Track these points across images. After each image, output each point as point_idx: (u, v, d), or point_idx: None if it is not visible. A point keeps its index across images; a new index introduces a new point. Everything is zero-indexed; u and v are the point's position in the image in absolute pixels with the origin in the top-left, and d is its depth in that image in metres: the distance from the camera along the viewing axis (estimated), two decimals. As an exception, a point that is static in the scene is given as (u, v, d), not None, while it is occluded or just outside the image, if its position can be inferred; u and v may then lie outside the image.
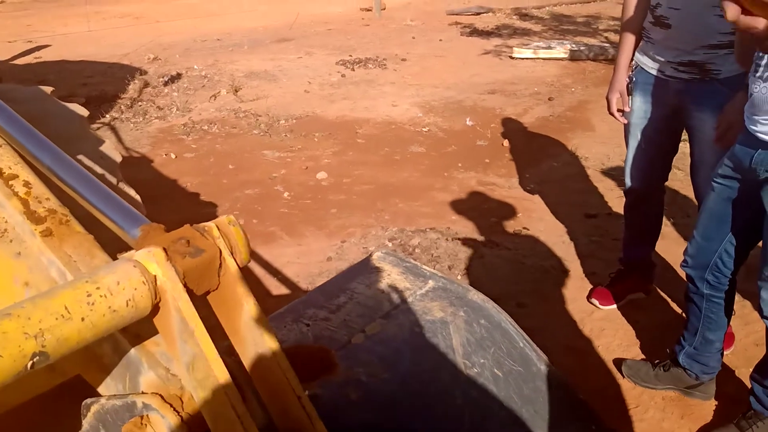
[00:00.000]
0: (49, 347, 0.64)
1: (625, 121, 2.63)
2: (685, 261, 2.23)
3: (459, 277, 3.08)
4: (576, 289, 3.03)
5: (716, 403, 2.35)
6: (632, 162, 2.68)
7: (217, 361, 0.76)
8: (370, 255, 1.43)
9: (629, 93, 2.58)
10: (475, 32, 9.35)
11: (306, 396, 0.83)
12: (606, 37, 8.76)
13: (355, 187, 4.22)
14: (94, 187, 0.88)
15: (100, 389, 0.87)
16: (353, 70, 7.27)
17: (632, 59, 2.59)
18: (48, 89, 2.09)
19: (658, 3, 2.39)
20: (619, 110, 2.61)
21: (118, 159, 1.95)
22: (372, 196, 4.07)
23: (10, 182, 0.93)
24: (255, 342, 0.83)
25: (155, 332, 0.81)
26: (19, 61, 7.58)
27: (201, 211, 3.80)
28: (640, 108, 2.56)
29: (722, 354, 2.32)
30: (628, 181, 2.75)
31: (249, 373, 0.85)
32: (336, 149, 4.90)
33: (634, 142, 2.63)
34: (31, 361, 0.63)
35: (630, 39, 2.57)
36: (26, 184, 0.94)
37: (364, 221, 3.73)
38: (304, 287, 3.02)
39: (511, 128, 5.32)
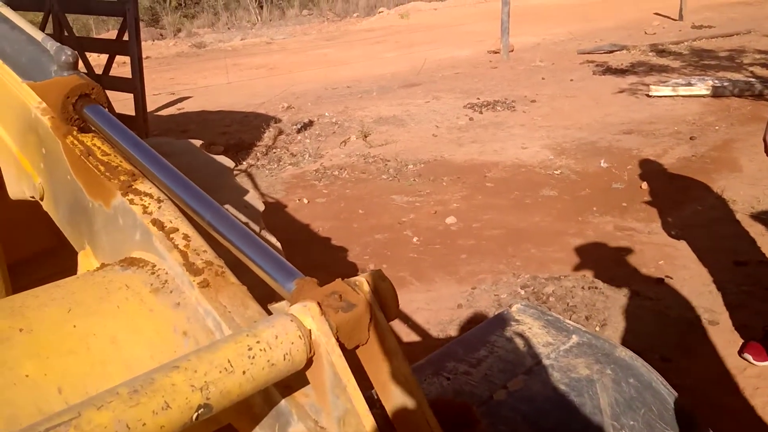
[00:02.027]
0: (213, 400, 0.66)
1: (784, 164, 2.45)
2: None
3: (597, 329, 2.94)
4: (726, 344, 2.82)
5: None
6: None
7: (368, 417, 0.76)
8: (510, 306, 1.40)
9: (788, 134, 2.41)
10: (609, 71, 9.09)
11: (454, 456, 0.81)
12: (752, 72, 8.24)
13: (484, 231, 4.18)
14: (251, 242, 0.91)
15: (249, 437, 0.89)
16: (481, 113, 7.28)
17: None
18: (197, 142, 2.25)
19: None
20: (776, 152, 2.44)
21: (261, 208, 2.05)
22: (502, 242, 4.01)
23: (171, 235, 0.99)
24: (404, 399, 0.82)
25: (305, 383, 0.82)
26: (164, 112, 8.23)
27: (333, 255, 3.91)
28: (800, 149, 2.38)
29: None
30: None
31: (396, 429, 0.84)
32: (465, 193, 4.89)
33: (792, 186, 2.44)
34: (196, 413, 0.65)
35: (787, 76, 2.41)
36: (185, 237, 0.99)
37: (495, 267, 3.67)
38: (434, 334, 3.00)
39: (650, 170, 5.08)
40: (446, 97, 8.19)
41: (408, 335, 3.03)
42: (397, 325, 3.10)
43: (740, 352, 2.73)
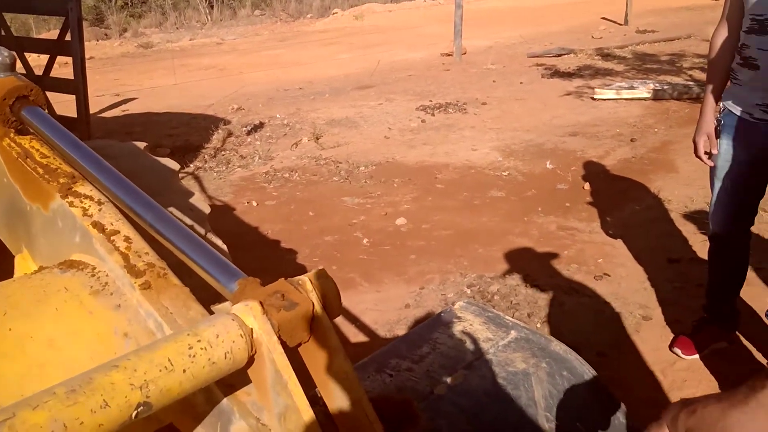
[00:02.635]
0: (153, 398, 0.67)
1: (712, 164, 2.55)
2: None
3: (538, 325, 3.02)
4: (658, 338, 2.93)
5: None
6: (717, 206, 2.60)
7: (309, 412, 0.78)
8: (453, 304, 1.44)
9: (717, 136, 2.51)
10: (557, 74, 9.29)
11: (392, 448, 0.83)
12: (690, 75, 8.54)
13: (434, 232, 4.23)
14: (193, 243, 0.92)
15: (191, 437, 0.90)
16: (433, 115, 7.34)
17: (719, 101, 2.54)
18: (141, 144, 2.22)
19: (745, 44, 2.34)
20: (706, 153, 2.55)
21: (207, 210, 2.04)
22: (451, 242, 4.06)
23: (112, 237, 0.99)
24: (344, 394, 0.84)
25: (247, 382, 0.84)
26: (108, 114, 7.99)
27: (282, 258, 3.89)
28: (726, 151, 2.48)
29: None
30: (712, 226, 2.67)
31: (336, 424, 0.86)
32: (415, 195, 4.94)
33: (719, 186, 2.55)
34: (135, 411, 0.66)
35: (717, 81, 2.52)
36: (127, 239, 0.99)
37: (443, 267, 3.72)
38: (382, 334, 3.03)
39: (592, 171, 5.24)
40: (399, 99, 8.23)
41: (356, 336, 3.05)
42: (345, 326, 3.12)
43: (671, 347, 2.83)
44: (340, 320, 3.17)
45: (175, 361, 0.70)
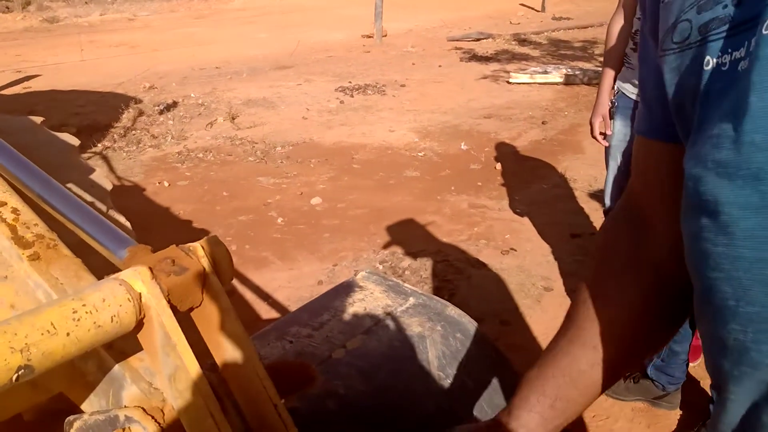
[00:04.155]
0: (35, 361, 0.67)
1: (607, 144, 2.70)
2: None
3: (446, 297, 3.12)
4: (558, 307, 3.08)
5: (681, 412, 2.43)
6: (612, 183, 2.74)
7: (198, 372, 0.79)
8: (355, 274, 1.48)
9: (611, 117, 2.65)
10: (474, 58, 9.46)
11: (282, 404, 0.86)
12: (600, 62, 8.85)
13: (349, 211, 4.27)
14: (82, 212, 0.92)
15: (84, 406, 0.90)
16: (352, 96, 7.35)
17: (614, 85, 2.67)
18: (38, 119, 2.12)
19: (638, 30, 2.47)
20: (601, 133, 2.68)
21: (109, 187, 1.98)
22: (365, 221, 4.11)
23: (-2, 209, 0.97)
24: (234, 353, 0.86)
25: (139, 349, 0.84)
26: (7, 92, 7.54)
27: (193, 238, 3.77)
28: (620, 131, 2.62)
29: (687, 365, 2.41)
30: (607, 202, 2.81)
31: (229, 385, 0.88)
32: (331, 175, 4.95)
33: (614, 164, 2.69)
34: (16, 374, 0.66)
35: (612, 65, 2.65)
36: (14, 210, 0.97)
37: (357, 245, 3.76)
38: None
39: (505, 152, 5.39)
40: (318, 80, 8.18)
41: (268, 312, 3.06)
42: (257, 303, 3.13)
43: None
44: (253, 298, 3.17)
45: (59, 324, 0.70)
